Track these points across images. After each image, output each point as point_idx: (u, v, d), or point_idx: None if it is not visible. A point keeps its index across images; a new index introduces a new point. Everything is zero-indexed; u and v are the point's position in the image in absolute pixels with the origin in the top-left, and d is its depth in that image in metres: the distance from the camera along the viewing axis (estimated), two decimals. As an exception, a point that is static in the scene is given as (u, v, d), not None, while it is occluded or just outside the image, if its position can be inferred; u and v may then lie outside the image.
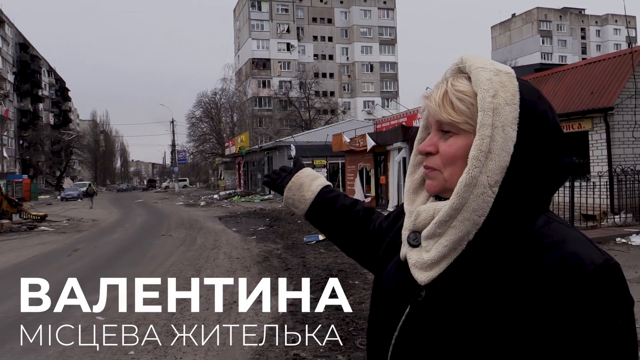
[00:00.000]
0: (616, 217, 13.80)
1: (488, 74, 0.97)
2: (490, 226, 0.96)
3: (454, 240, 0.96)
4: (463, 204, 0.94)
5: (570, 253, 0.90)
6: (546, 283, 0.89)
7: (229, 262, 11.07)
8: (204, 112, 72.69)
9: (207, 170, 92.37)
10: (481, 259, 0.97)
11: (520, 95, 0.96)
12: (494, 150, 0.93)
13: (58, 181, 77.97)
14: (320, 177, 1.54)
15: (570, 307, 0.87)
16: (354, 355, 5.11)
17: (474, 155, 0.94)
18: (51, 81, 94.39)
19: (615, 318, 0.87)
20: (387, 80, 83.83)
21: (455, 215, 0.95)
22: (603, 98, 14.83)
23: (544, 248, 0.92)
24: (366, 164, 25.15)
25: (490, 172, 0.93)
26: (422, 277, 0.99)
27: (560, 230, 0.95)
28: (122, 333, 6.18)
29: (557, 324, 0.87)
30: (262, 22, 78.86)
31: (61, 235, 18.75)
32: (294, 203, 1.51)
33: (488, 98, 0.94)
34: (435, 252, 0.98)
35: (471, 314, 0.94)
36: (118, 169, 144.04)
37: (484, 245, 0.97)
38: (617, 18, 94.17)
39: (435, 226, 0.98)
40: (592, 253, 0.91)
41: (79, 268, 11.17)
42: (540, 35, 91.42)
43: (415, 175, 1.13)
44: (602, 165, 15.00)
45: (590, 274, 0.87)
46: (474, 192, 0.94)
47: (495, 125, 0.93)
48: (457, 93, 0.98)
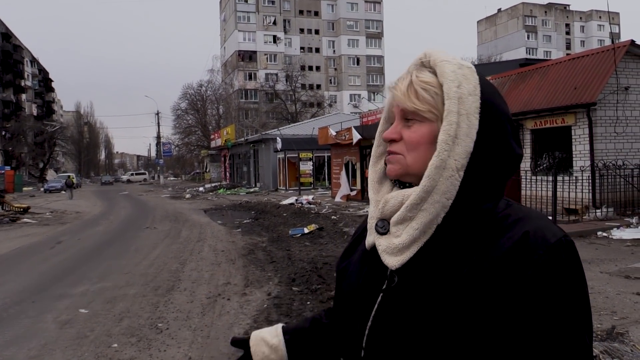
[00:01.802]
0: (598, 211, 13.98)
1: (452, 67, 1.02)
2: (457, 209, 1.00)
3: (425, 222, 0.99)
4: (434, 186, 0.98)
5: (534, 228, 0.96)
6: (514, 257, 0.94)
7: (213, 255, 11.04)
8: (189, 104, 72.19)
9: (192, 162, 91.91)
10: (450, 242, 1.00)
11: (480, 88, 1.02)
12: (460, 135, 0.98)
13: (41, 173, 77.03)
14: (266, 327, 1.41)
15: (538, 277, 0.92)
16: (338, 347, 5.14)
17: (443, 139, 0.98)
18: (34, 71, 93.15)
19: (579, 285, 0.94)
20: (374, 73, 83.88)
21: (426, 198, 0.99)
22: (586, 93, 14.97)
23: (509, 226, 0.98)
24: (352, 158, 25.19)
25: (457, 155, 0.98)
26: (393, 262, 1.01)
27: (522, 209, 1.02)
28: (106, 326, 6.17)
29: (527, 293, 0.92)
30: (248, 14, 78.41)
31: (44, 227, 18.57)
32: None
33: (453, 88, 1.00)
34: (406, 236, 1.01)
35: (444, 295, 0.96)
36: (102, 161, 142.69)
37: (452, 228, 1.00)
38: (601, 14, 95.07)
39: (407, 210, 1.01)
40: (553, 228, 0.97)
41: (62, 260, 11.08)
42: (526, 31, 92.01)
43: (378, 166, 1.17)
44: (584, 159, 15.16)
45: (553, 246, 0.94)
46: (443, 175, 0.98)
47: (460, 112, 0.99)
48: (421, 83, 1.03)
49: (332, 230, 13.90)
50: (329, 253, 10.52)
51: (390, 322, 1.02)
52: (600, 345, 4.64)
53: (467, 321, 0.94)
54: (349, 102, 78.91)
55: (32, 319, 6.56)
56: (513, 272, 0.93)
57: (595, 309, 5.81)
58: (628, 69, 15.41)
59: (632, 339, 4.97)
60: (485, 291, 0.94)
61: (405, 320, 0.99)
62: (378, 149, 1.18)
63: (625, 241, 10.73)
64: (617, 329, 5.20)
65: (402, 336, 0.99)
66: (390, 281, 1.04)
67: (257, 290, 7.75)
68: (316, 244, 11.90)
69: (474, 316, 0.94)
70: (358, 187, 24.25)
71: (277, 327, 1.38)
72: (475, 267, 0.95)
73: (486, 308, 0.93)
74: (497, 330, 0.93)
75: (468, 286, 0.95)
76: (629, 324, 5.50)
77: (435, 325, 0.96)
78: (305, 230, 13.65)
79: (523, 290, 0.92)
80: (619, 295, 6.69)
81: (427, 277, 0.99)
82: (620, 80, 15.05)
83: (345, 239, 12.29)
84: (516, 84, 17.75)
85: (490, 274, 0.94)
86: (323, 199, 26.01)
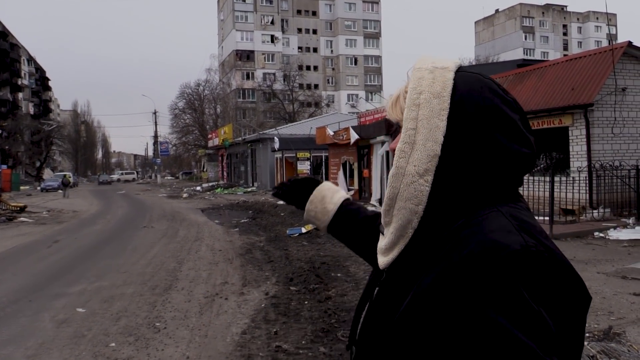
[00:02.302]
0: (595, 212, 14.02)
1: (420, 73, 1.02)
2: (432, 215, 0.99)
3: (397, 227, 1.02)
4: (396, 194, 1.00)
5: (487, 240, 0.88)
6: (460, 270, 0.88)
7: (211, 254, 11.03)
8: (187, 104, 72.08)
9: (189, 162, 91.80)
10: (424, 247, 1.00)
11: (454, 87, 0.98)
12: (418, 141, 0.97)
13: (38, 172, 76.84)
14: (341, 190, 1.56)
15: (480, 292, 0.85)
16: (336, 347, 5.14)
17: (399, 147, 0.99)
18: (31, 70, 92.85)
19: (528, 305, 0.83)
20: (371, 73, 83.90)
21: (392, 205, 1.02)
22: (583, 94, 15.01)
23: (467, 236, 0.92)
24: (349, 157, 25.20)
25: (417, 161, 0.97)
26: (380, 262, 1.08)
27: (491, 219, 0.93)
28: (103, 325, 6.16)
29: (468, 307, 0.86)
30: (246, 14, 78.33)
31: (41, 226, 18.52)
32: (316, 215, 1.53)
33: (414, 95, 1.00)
34: (387, 239, 1.05)
35: (409, 299, 0.98)
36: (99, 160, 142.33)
37: (427, 233, 1.01)
38: (599, 15, 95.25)
39: (383, 215, 1.06)
40: (510, 239, 0.88)
41: (60, 260, 11.06)
42: (523, 31, 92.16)
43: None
44: (581, 160, 15.20)
45: (501, 259, 0.85)
46: (403, 182, 0.99)
47: (419, 118, 0.98)
48: (405, 93, 1.05)
49: (329, 230, 13.89)
50: (326, 253, 10.52)
51: (374, 315, 1.07)
52: (598, 345, 4.65)
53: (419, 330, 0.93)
54: (346, 102, 78.92)
55: (29, 318, 6.55)
56: (458, 288, 0.88)
57: (592, 309, 5.83)
58: (625, 70, 15.45)
59: (629, 339, 4.99)
60: (440, 304, 0.90)
61: (382, 315, 1.04)
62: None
63: (622, 242, 10.77)
64: (614, 329, 5.21)
65: (378, 329, 1.04)
66: (380, 279, 1.11)
67: (254, 289, 7.75)
68: (314, 243, 11.90)
69: (424, 327, 0.92)
70: (355, 187, 24.26)
71: (340, 197, 1.53)
72: (434, 279, 0.92)
73: (434, 320, 0.91)
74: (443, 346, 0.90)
75: (426, 296, 0.93)
76: (626, 324, 5.52)
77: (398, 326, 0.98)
78: (303, 230, 13.64)
79: (463, 305, 0.87)
80: (616, 296, 6.72)
81: (403, 280, 1.02)
82: (618, 81, 15.09)
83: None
84: (514, 85, 17.78)
85: (443, 287, 0.90)
86: (320, 198, 25.98)
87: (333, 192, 1.53)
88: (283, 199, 1.63)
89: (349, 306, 6.48)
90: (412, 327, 0.94)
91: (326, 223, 1.51)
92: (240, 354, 5.06)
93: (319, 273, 8.53)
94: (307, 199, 1.55)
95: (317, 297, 7.02)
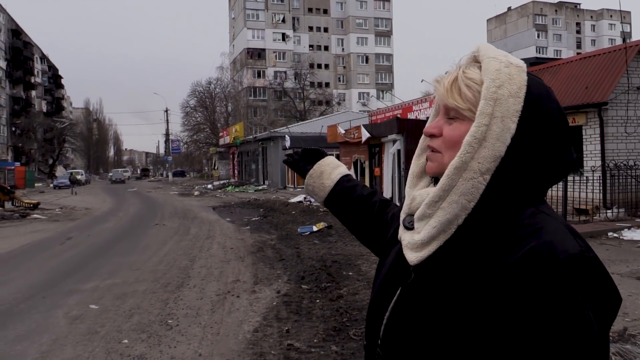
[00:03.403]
0: (608, 212, 13.88)
1: (498, 65, 0.98)
2: (480, 213, 0.98)
3: (442, 222, 0.98)
4: (452, 186, 0.97)
5: (544, 242, 0.90)
6: (517, 271, 0.89)
7: (222, 252, 11.06)
8: (198, 102, 72.39)
9: (200, 160, 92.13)
10: (468, 245, 0.98)
11: (527, 89, 0.97)
12: (488, 138, 0.95)
13: (50, 169, 77.55)
14: (342, 166, 1.60)
15: (537, 295, 0.86)
16: (348, 345, 5.13)
17: (468, 141, 0.96)
18: (44, 68, 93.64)
19: (582, 310, 0.85)
20: (383, 71, 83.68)
21: (444, 197, 0.98)
22: (597, 93, 14.86)
23: (522, 237, 0.93)
24: (361, 156, 25.15)
25: (482, 159, 0.95)
26: (412, 258, 1.03)
27: (542, 220, 0.95)
28: (116, 322, 6.19)
29: (525, 309, 0.87)
30: (257, 12, 78.42)
31: (54, 223, 18.67)
32: (314, 190, 1.58)
33: (492, 88, 0.96)
34: (425, 233, 1.01)
35: (453, 298, 0.96)
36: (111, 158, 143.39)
37: (472, 231, 0.98)
38: (612, 13, 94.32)
39: (425, 207, 1.01)
40: (567, 243, 0.90)
41: (72, 256, 11.14)
42: (536, 29, 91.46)
43: (420, 159, 1.16)
44: (595, 160, 15.06)
45: (561, 263, 0.87)
46: (463, 176, 0.96)
47: (494, 115, 0.95)
48: (466, 80, 1.01)
49: (341, 229, 13.87)
50: (338, 251, 10.51)
51: (403, 316, 1.04)
52: (612, 347, 4.61)
53: (467, 331, 0.93)
54: (357, 101, 78.82)
55: (43, 314, 6.60)
56: (515, 290, 0.88)
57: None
58: (640, 68, 15.29)
59: (638, 344, 4.93)
60: (489, 305, 0.91)
61: (416, 316, 1.01)
62: (423, 142, 1.16)
63: (637, 242, 10.65)
64: (629, 330, 5.16)
65: (411, 332, 1.01)
66: (408, 276, 1.06)
67: (266, 287, 7.76)
68: (325, 242, 11.90)
69: (474, 328, 0.92)
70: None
71: (339, 173, 1.57)
72: (483, 278, 0.93)
73: (488, 325, 0.91)
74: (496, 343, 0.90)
75: (473, 296, 0.93)
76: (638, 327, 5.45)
77: (441, 327, 0.96)
78: (314, 228, 13.64)
79: (522, 310, 0.87)
80: (631, 297, 6.65)
81: (441, 278, 0.99)
82: (632, 79, 14.92)
83: (353, 237, 12.25)
84: (526, 83, 17.63)
85: (495, 288, 0.91)
86: (331, 197, 25.97)
87: (333, 167, 1.57)
88: (291, 167, 1.68)
89: (361, 305, 6.46)
90: (463, 324, 0.93)
91: (323, 198, 1.56)
92: (252, 351, 5.07)
93: (331, 271, 8.52)
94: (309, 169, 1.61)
95: (328, 296, 7.01)
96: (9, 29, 76.94)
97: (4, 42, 74.01)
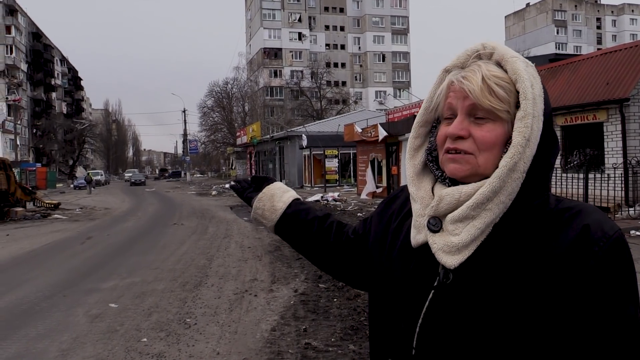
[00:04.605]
0: (631, 210, 13.66)
1: (523, 65, 1.00)
2: (512, 208, 0.99)
3: (488, 222, 0.98)
4: (502, 187, 0.97)
5: (593, 221, 0.96)
6: (576, 250, 0.94)
7: (240, 251, 11.10)
8: (215, 102, 72.75)
9: (218, 159, 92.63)
10: (507, 240, 0.99)
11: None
12: (531, 138, 0.97)
13: (71, 170, 78.59)
14: (291, 190, 1.50)
15: (600, 267, 0.93)
16: (365, 344, 5.10)
17: (519, 142, 0.96)
18: (64, 70, 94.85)
19: (633, 272, 0.95)
20: (399, 70, 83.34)
21: (492, 198, 0.97)
22: (619, 89, 14.63)
23: (567, 220, 0.98)
24: (378, 155, 25.08)
25: (527, 158, 0.97)
26: (452, 261, 0.99)
27: (575, 203, 1.02)
28: (135, 320, 6.24)
29: (590, 281, 0.93)
30: (273, 12, 78.61)
31: (74, 223, 18.91)
32: (263, 214, 1.45)
33: (529, 88, 0.98)
34: (467, 235, 0.98)
35: (503, 294, 0.95)
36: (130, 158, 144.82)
37: (507, 226, 0.99)
38: (634, 8, 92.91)
39: (470, 209, 0.98)
40: (609, 221, 0.98)
41: (92, 256, 11.26)
42: (555, 25, 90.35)
43: (417, 159, 1.13)
44: (616, 157, 14.83)
45: (612, 238, 0.95)
46: (512, 177, 0.97)
47: (534, 115, 0.97)
48: (495, 79, 0.99)
49: (358, 228, 13.85)
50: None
51: (443, 320, 1.00)
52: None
53: (529, 316, 0.94)
54: (374, 99, 78.61)
55: (64, 313, 6.67)
56: (576, 264, 0.94)
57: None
58: (662, 63, 15.00)
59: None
60: (550, 284, 0.94)
61: (461, 318, 0.98)
62: (416, 140, 1.13)
63: (660, 240, 10.46)
64: None
65: (457, 335, 0.98)
66: (446, 278, 1.01)
67: (283, 286, 7.76)
68: (342, 241, 11.85)
69: (536, 311, 0.94)
70: (384, 184, 24.13)
71: (290, 196, 1.46)
72: (539, 263, 0.95)
73: (550, 300, 0.94)
74: (558, 321, 0.94)
75: (532, 282, 0.95)
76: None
77: (494, 323, 0.95)
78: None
79: (586, 280, 0.93)
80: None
81: (486, 275, 0.98)
82: (655, 75, 14.66)
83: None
84: (546, 80, 17.44)
85: (554, 268, 0.94)
86: (349, 195, 25.97)
87: (283, 191, 1.47)
88: (237, 193, 1.56)
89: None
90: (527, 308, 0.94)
91: (274, 222, 1.43)
92: (270, 350, 5.07)
93: (348, 270, 8.48)
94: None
95: (346, 295, 6.98)
96: (30, 32, 78.09)
97: (25, 45, 75.09)
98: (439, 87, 1.07)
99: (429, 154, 1.11)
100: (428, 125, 1.12)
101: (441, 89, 1.05)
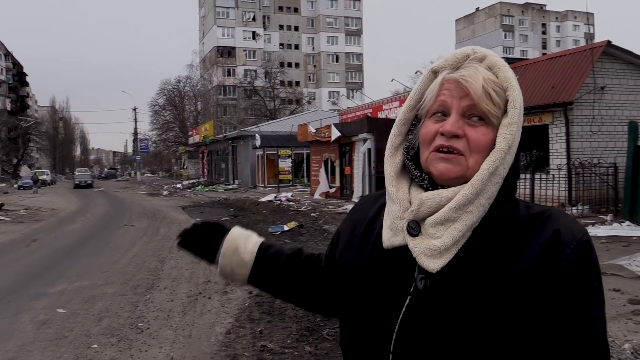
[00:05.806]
0: (574, 209, 14.19)
1: (512, 74, 1.04)
2: (490, 213, 1.02)
3: (469, 225, 0.99)
4: (483, 190, 0.99)
5: (563, 226, 1.00)
6: (549, 253, 0.98)
7: (193, 253, 10.93)
8: (167, 100, 71.42)
9: (170, 159, 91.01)
10: (483, 244, 1.00)
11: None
12: (513, 146, 1.01)
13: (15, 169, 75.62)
14: (252, 234, 1.38)
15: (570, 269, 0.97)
16: (321, 345, 5.13)
17: (502, 148, 1.00)
18: (8, 65, 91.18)
19: (599, 273, 1.01)
20: (353, 71, 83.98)
21: (473, 200, 0.99)
22: (563, 93, 15.18)
23: (540, 225, 1.01)
24: (331, 155, 25.20)
25: (506, 164, 1.01)
26: (434, 265, 0.99)
27: (544, 209, 1.05)
28: (85, 326, 6.07)
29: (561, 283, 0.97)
30: (227, 10, 77.87)
31: (19, 225, 18.21)
32: (232, 270, 1.33)
33: (518, 97, 1.02)
34: (449, 238, 0.99)
35: (480, 298, 0.97)
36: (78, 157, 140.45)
37: (484, 231, 1.01)
38: (577, 15, 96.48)
39: (452, 211, 0.99)
40: (577, 225, 1.03)
41: (38, 259, 10.88)
42: (503, 30, 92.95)
43: (396, 158, 1.11)
44: (561, 158, 15.39)
45: (580, 241, 0.99)
46: (492, 180, 0.99)
47: (519, 124, 1.02)
48: (492, 84, 1.02)
49: (312, 228, 13.89)
50: (310, 250, 10.49)
51: (421, 325, 0.99)
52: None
53: (505, 321, 0.96)
54: (327, 99, 78.94)
55: (8, 320, 6.43)
56: (549, 267, 0.97)
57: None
58: (604, 69, 15.67)
59: (610, 334, 5.05)
60: (525, 288, 0.97)
61: (439, 322, 0.98)
62: (397, 138, 1.12)
63: (600, 238, 10.91)
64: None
65: (435, 339, 0.98)
66: (424, 283, 1.01)
67: (238, 288, 7.70)
68: (296, 241, 11.88)
69: (512, 315, 0.96)
70: (337, 184, 24.27)
71: (254, 243, 1.35)
72: (514, 266, 0.98)
73: (525, 304, 0.97)
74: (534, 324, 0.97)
75: (508, 285, 0.97)
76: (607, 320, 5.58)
77: (471, 328, 0.96)
78: (285, 228, 13.62)
79: (559, 281, 0.97)
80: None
81: (463, 279, 0.99)
82: (597, 80, 15.29)
83: (325, 236, 12.29)
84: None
85: (529, 271, 0.97)
86: (302, 196, 26.00)
87: (245, 239, 1.34)
88: (190, 251, 1.37)
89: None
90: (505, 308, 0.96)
91: (245, 276, 1.33)
92: (225, 354, 5.02)
93: (303, 271, 8.50)
94: (216, 250, 1.33)
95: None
96: (-30, 24, 74.71)
97: (-35, 38, 71.82)
98: (428, 85, 1.07)
99: (406, 153, 1.10)
100: (408, 123, 1.11)
101: (434, 85, 1.04)
